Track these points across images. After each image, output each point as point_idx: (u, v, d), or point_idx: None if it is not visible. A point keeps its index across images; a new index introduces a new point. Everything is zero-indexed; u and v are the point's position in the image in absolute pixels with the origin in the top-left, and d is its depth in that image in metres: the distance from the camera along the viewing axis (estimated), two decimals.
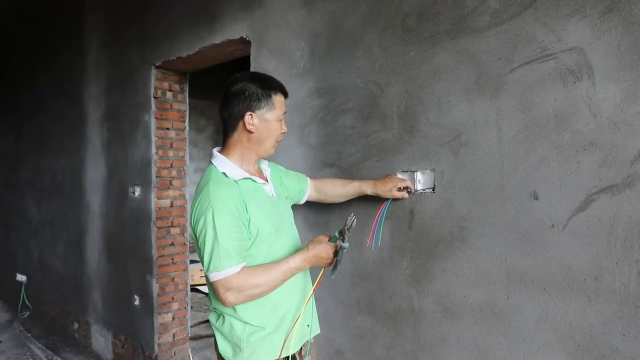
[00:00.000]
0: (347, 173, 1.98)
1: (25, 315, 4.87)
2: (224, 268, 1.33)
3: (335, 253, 1.44)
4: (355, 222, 1.39)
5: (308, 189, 1.83)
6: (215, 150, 1.54)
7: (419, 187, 1.74)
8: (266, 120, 1.46)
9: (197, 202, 1.40)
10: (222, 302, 1.36)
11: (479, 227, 1.58)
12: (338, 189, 1.84)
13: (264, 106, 1.45)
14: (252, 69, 2.40)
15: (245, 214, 1.40)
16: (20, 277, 5.02)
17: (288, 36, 2.23)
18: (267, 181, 1.59)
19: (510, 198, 1.51)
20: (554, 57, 1.41)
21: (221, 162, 1.47)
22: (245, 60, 2.59)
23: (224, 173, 1.44)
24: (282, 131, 1.53)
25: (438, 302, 1.70)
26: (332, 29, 2.04)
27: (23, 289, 4.95)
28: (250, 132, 1.46)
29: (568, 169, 1.39)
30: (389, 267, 1.84)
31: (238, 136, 1.48)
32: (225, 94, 1.47)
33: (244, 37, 2.45)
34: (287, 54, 2.24)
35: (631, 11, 1.27)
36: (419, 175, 1.74)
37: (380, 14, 1.86)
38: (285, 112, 1.53)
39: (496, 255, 1.54)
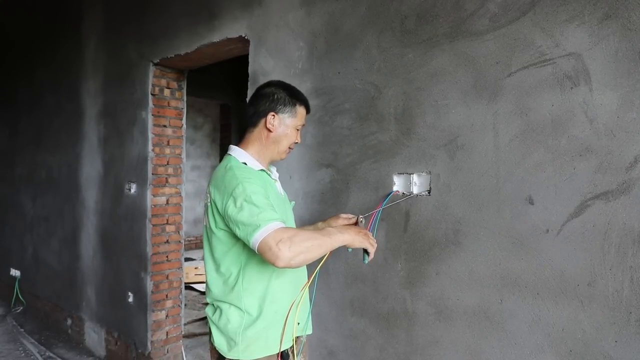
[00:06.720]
0: (343, 174, 1.98)
1: (18, 310, 4.85)
2: (268, 222, 1.27)
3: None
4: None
5: None
6: (232, 145, 1.59)
7: (414, 189, 1.74)
8: (285, 125, 1.55)
9: (223, 184, 1.41)
10: (277, 259, 1.24)
11: (474, 231, 1.58)
12: None
13: (287, 111, 1.54)
14: (250, 68, 2.40)
15: (268, 197, 1.42)
16: (14, 272, 5.01)
17: (287, 36, 2.23)
18: (277, 180, 1.66)
19: (505, 202, 1.51)
20: (552, 63, 1.41)
21: (240, 153, 1.54)
22: (243, 59, 2.58)
23: (244, 163, 1.50)
24: (297, 141, 1.60)
25: (432, 305, 1.70)
26: (331, 30, 2.04)
27: (17, 284, 4.93)
28: (269, 130, 1.54)
29: (564, 175, 1.39)
30: (383, 268, 1.84)
31: (258, 132, 1.56)
32: (254, 94, 1.59)
33: (243, 36, 2.44)
34: (285, 53, 2.23)
35: (629, 18, 1.28)
36: (415, 178, 1.74)
37: (380, 16, 1.85)
38: (304, 125, 1.61)
39: (490, 259, 1.55)
